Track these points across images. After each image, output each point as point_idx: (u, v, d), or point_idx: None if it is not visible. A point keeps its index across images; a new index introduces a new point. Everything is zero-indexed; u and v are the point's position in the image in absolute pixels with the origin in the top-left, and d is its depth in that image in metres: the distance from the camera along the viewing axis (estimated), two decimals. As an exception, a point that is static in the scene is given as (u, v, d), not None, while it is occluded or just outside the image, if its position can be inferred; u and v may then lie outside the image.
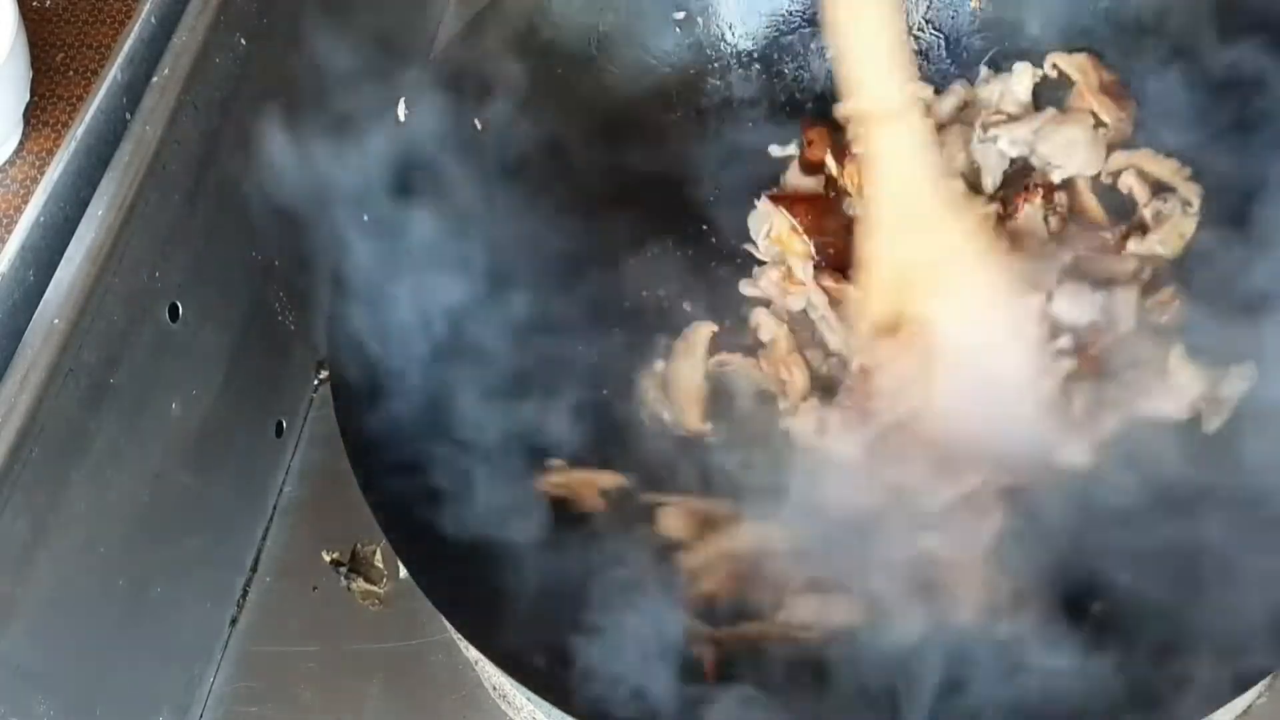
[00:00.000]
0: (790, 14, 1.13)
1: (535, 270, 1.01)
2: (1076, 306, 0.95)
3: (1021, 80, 1.07)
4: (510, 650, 0.79)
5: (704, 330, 1.02)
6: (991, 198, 1.03)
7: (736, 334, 1.03)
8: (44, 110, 0.93)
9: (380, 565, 1.03)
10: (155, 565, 0.93)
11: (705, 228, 1.09)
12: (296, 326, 1.11)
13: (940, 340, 0.93)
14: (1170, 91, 1.01)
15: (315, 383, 1.16)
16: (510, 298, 0.96)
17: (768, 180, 1.10)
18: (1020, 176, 1.04)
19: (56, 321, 0.82)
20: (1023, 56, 1.09)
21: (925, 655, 0.80)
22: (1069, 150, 1.02)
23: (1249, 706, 0.90)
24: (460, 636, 0.86)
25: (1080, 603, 0.83)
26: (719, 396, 1.01)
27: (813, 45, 1.13)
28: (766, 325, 1.01)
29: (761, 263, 1.06)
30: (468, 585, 0.81)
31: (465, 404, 0.90)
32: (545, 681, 0.77)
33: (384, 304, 0.90)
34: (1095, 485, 0.89)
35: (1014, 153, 1.04)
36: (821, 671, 0.82)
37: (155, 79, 0.94)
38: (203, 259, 0.97)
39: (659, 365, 1.02)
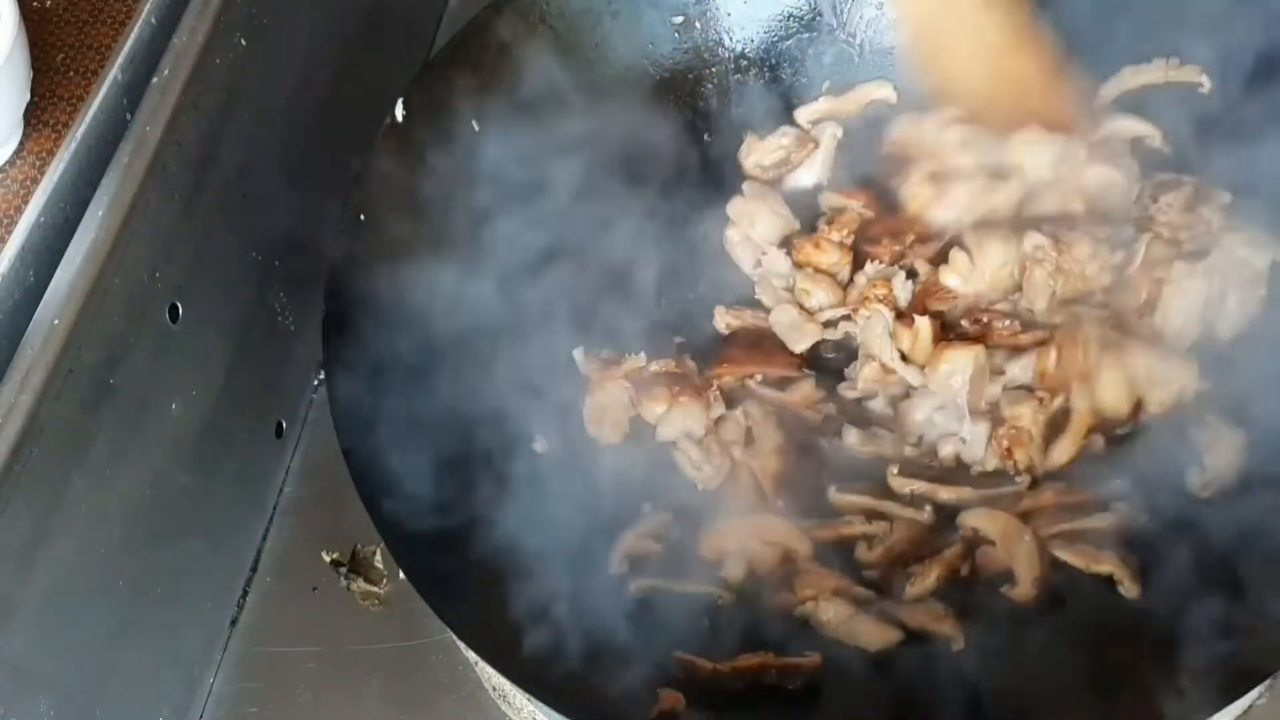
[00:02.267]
0: (788, 19, 1.13)
1: (531, 272, 1.01)
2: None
3: None
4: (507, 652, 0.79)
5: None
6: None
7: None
8: (44, 110, 0.93)
9: (380, 566, 1.03)
10: (155, 565, 0.93)
11: (703, 231, 1.10)
12: (296, 327, 1.11)
13: None
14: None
15: (315, 383, 1.16)
16: (508, 298, 0.96)
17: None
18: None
19: (57, 322, 0.82)
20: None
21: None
22: None
23: (1249, 706, 0.90)
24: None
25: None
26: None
27: (810, 51, 1.13)
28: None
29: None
30: (465, 587, 0.81)
31: (464, 405, 0.91)
32: (543, 682, 0.78)
33: (383, 307, 0.91)
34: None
35: None
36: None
37: (155, 79, 0.94)
38: (203, 259, 0.97)
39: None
